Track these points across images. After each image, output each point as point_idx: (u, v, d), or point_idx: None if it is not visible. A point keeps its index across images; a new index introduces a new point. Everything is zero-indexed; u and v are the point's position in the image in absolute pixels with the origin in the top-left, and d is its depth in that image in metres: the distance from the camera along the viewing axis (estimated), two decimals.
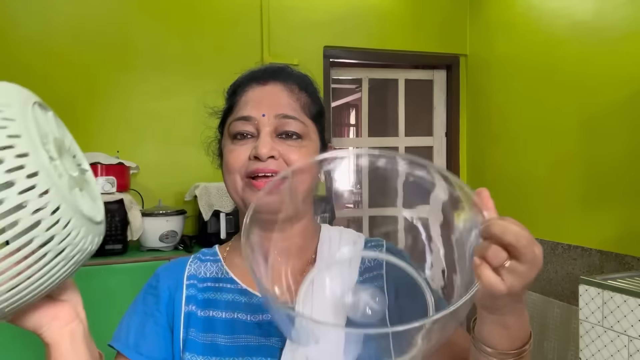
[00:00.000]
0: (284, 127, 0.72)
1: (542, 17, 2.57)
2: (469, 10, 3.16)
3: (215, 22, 2.66)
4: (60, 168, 0.50)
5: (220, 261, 0.79)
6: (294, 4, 2.80)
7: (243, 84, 0.77)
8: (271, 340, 0.69)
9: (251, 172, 0.70)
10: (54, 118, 0.56)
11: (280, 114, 0.72)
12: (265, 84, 0.75)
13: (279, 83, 0.75)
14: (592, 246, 2.28)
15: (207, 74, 2.59)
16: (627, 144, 2.13)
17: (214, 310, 0.73)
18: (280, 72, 0.77)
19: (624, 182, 2.14)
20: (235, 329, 0.71)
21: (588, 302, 1.72)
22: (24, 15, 2.37)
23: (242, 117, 0.73)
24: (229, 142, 0.74)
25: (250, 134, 0.73)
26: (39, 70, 2.38)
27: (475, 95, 3.15)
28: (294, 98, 0.75)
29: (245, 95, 0.75)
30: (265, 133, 0.71)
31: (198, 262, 0.80)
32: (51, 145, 0.50)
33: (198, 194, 2.30)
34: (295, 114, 0.73)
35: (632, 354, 1.57)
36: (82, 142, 2.47)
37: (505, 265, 0.46)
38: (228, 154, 0.74)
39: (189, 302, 0.75)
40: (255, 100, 0.74)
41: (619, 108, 2.16)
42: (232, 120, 0.74)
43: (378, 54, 3.03)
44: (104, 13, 2.49)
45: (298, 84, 0.77)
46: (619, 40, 2.16)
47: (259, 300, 0.72)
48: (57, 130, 0.56)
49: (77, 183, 0.53)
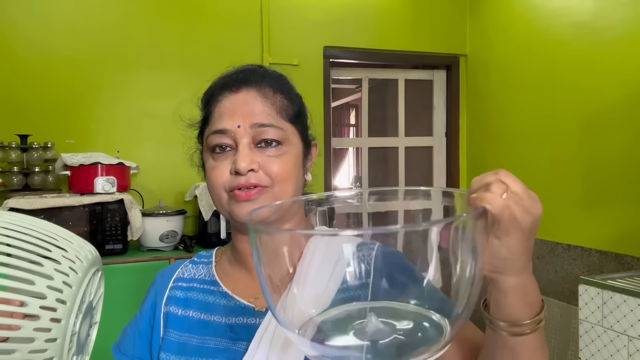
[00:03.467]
0: (262, 136, 0.70)
1: (541, 18, 2.57)
2: (468, 11, 3.16)
3: (215, 22, 2.66)
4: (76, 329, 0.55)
5: (212, 264, 0.81)
6: (294, 4, 2.80)
7: (215, 93, 0.75)
8: (237, 345, 0.69)
9: (234, 187, 0.69)
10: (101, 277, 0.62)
11: (256, 123, 0.70)
12: (238, 91, 0.72)
13: (251, 89, 0.72)
14: (591, 246, 2.28)
15: (207, 74, 2.56)
16: (627, 144, 2.13)
17: (193, 310, 0.75)
18: (252, 75, 0.74)
19: (624, 182, 2.14)
20: (208, 331, 0.72)
21: (588, 302, 1.72)
22: (24, 15, 2.37)
23: (218, 130, 0.71)
24: (209, 157, 0.73)
25: (228, 145, 0.71)
26: (39, 69, 2.38)
27: (475, 95, 3.15)
28: (268, 103, 0.72)
29: (219, 105, 0.73)
30: (243, 145, 0.69)
31: (190, 264, 0.82)
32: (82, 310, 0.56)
33: (198, 194, 2.30)
34: (272, 120, 0.71)
35: (632, 353, 1.57)
36: (82, 142, 2.48)
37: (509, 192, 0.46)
38: (210, 170, 0.72)
39: (168, 303, 0.77)
40: (229, 111, 0.71)
41: (619, 108, 2.16)
42: (208, 134, 0.73)
43: (378, 54, 3.03)
44: (104, 13, 2.49)
45: (272, 85, 0.73)
46: (619, 40, 2.16)
47: (236, 304, 0.73)
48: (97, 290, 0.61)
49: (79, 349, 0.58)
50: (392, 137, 3.25)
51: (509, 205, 0.46)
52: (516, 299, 0.51)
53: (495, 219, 0.46)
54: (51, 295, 0.51)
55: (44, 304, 0.51)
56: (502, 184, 0.47)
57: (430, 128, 3.29)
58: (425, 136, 3.29)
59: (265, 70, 0.76)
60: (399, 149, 3.24)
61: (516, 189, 0.47)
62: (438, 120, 3.28)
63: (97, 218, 2.10)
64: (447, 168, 3.28)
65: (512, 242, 0.47)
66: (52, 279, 0.52)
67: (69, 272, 0.54)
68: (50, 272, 0.52)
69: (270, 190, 0.70)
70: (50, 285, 0.52)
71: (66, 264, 0.54)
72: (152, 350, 0.75)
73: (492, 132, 2.98)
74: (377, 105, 3.40)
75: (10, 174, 2.24)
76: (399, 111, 3.21)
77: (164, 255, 2.20)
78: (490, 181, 0.48)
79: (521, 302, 0.51)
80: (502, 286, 0.50)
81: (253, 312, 0.72)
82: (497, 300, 0.52)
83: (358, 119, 5.06)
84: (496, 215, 0.46)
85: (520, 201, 0.47)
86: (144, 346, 0.77)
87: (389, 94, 3.37)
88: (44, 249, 0.53)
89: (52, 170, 2.31)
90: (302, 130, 0.76)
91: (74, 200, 2.06)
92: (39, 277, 0.51)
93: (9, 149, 2.24)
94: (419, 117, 3.30)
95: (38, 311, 0.50)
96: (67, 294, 0.52)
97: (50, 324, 0.51)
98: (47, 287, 0.51)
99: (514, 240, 0.47)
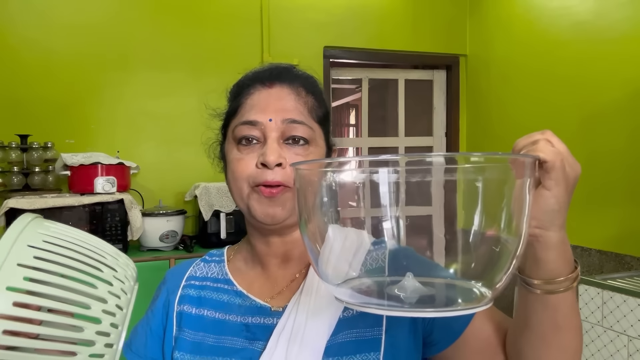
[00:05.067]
0: (292, 132, 0.69)
1: (541, 18, 2.57)
2: (469, 11, 3.16)
3: (216, 22, 2.66)
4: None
5: (224, 262, 0.80)
6: (294, 4, 2.80)
7: (247, 85, 0.73)
8: (254, 344, 0.69)
9: (259, 183, 0.68)
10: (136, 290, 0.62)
11: (288, 119, 0.69)
12: (272, 86, 0.72)
13: (285, 85, 0.72)
14: (591, 246, 2.28)
15: (208, 74, 2.59)
16: (627, 144, 2.13)
17: (207, 309, 0.74)
18: (286, 73, 0.74)
19: (624, 182, 2.14)
20: (224, 330, 0.72)
21: (588, 302, 1.72)
22: (24, 15, 2.37)
23: (248, 121, 0.70)
24: (234, 148, 0.72)
25: (256, 138, 0.70)
26: (39, 69, 2.38)
27: (475, 95, 3.15)
28: (301, 101, 0.72)
29: (251, 97, 0.72)
30: (272, 139, 0.68)
31: (202, 263, 0.81)
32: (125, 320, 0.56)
33: (198, 194, 2.30)
34: (303, 118, 0.70)
35: (632, 353, 1.57)
36: (82, 142, 2.49)
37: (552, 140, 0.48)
38: (234, 162, 0.71)
39: (182, 302, 0.76)
40: (262, 104, 0.70)
41: (619, 108, 2.16)
42: (237, 124, 0.71)
43: (378, 54, 3.03)
44: (104, 13, 2.49)
45: (304, 85, 0.74)
46: (619, 40, 2.16)
47: (252, 304, 0.73)
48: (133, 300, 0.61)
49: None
50: (392, 137, 3.25)
51: (562, 153, 0.48)
52: (558, 255, 0.51)
53: (547, 169, 0.48)
54: (106, 320, 0.49)
55: (99, 329, 0.49)
56: (548, 142, 0.49)
57: (430, 128, 3.29)
58: (425, 136, 3.29)
59: (298, 70, 0.77)
60: (399, 149, 3.24)
61: (561, 148, 0.48)
62: (438, 120, 3.28)
63: (97, 218, 2.11)
64: None
65: (562, 192, 0.48)
66: (105, 302, 0.50)
67: (120, 294, 0.52)
68: (104, 295, 0.50)
69: (291, 190, 0.69)
70: (105, 310, 0.50)
71: (118, 286, 0.52)
72: (165, 350, 0.74)
73: (492, 132, 2.98)
74: (377, 105, 3.40)
75: (10, 174, 2.24)
76: (399, 111, 3.21)
77: (164, 255, 2.20)
78: (537, 139, 0.49)
79: (562, 259, 0.52)
80: (546, 241, 0.50)
81: (270, 312, 0.71)
82: (539, 258, 0.52)
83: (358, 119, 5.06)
84: (550, 162, 0.47)
85: (568, 157, 0.49)
86: (156, 345, 0.75)
87: (389, 94, 3.37)
88: (95, 269, 0.51)
89: (52, 170, 2.31)
90: (326, 133, 0.76)
91: (74, 200, 2.06)
92: (94, 301, 0.49)
93: (9, 149, 2.24)
94: (419, 117, 3.30)
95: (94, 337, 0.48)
96: (119, 318, 0.51)
97: (104, 350, 0.49)
98: (102, 312, 0.49)
99: (562, 191, 0.49)
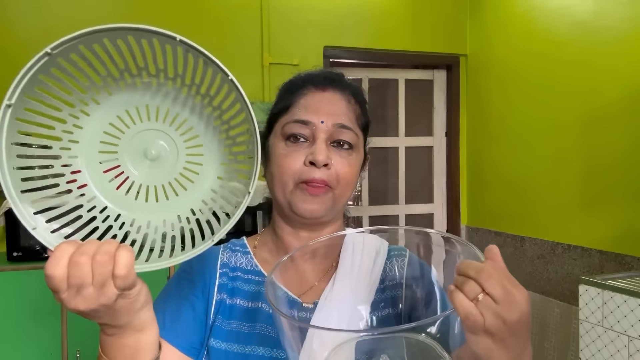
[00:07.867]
0: (339, 136, 0.73)
1: (542, 17, 2.57)
2: (469, 11, 3.16)
3: (215, 22, 2.66)
4: None
5: (250, 253, 0.81)
6: (294, 4, 2.80)
7: (300, 85, 0.77)
8: None
9: (305, 180, 0.71)
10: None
11: (338, 123, 0.73)
12: (325, 90, 0.76)
13: (338, 91, 0.76)
14: (592, 246, 2.28)
15: None
16: (627, 144, 2.13)
17: (240, 299, 0.75)
18: (339, 80, 0.79)
19: (624, 182, 2.14)
20: (257, 318, 0.73)
21: (588, 302, 1.72)
22: (24, 16, 2.37)
23: (300, 120, 0.73)
24: (281, 143, 0.74)
25: (304, 137, 0.73)
26: None
27: (475, 95, 3.15)
28: (351, 108, 0.76)
29: (304, 98, 0.75)
30: (321, 140, 0.72)
31: (229, 251, 0.81)
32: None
33: None
34: (351, 124, 0.75)
35: (632, 354, 1.57)
36: None
37: (479, 299, 0.47)
38: (282, 157, 0.74)
39: (220, 290, 0.76)
40: (314, 105, 0.74)
41: (619, 108, 2.16)
42: (288, 121, 0.74)
43: (378, 54, 3.03)
44: (104, 13, 2.49)
45: (354, 94, 0.78)
46: (619, 40, 2.16)
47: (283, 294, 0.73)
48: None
49: None
50: (392, 137, 3.25)
51: (474, 313, 0.46)
52: None
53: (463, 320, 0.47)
54: None
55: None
56: (477, 285, 0.47)
57: (430, 128, 3.29)
58: (425, 136, 3.29)
59: (347, 79, 0.82)
60: (399, 149, 3.24)
61: (493, 292, 0.47)
62: (438, 120, 3.28)
63: None
64: (447, 168, 3.28)
65: (482, 343, 0.48)
66: None
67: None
68: None
69: (333, 191, 0.73)
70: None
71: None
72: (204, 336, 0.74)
73: (492, 132, 2.98)
74: (377, 105, 3.39)
75: None
76: (399, 111, 3.21)
77: None
78: (469, 276, 0.48)
79: None
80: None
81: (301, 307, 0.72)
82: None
83: None
84: (461, 317, 0.47)
85: (492, 306, 0.47)
86: (200, 331, 0.74)
87: (389, 94, 3.36)
88: None
89: None
90: (365, 142, 0.81)
91: None
92: None
93: None
94: (419, 117, 3.30)
95: None
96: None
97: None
98: None
99: (483, 343, 0.48)
